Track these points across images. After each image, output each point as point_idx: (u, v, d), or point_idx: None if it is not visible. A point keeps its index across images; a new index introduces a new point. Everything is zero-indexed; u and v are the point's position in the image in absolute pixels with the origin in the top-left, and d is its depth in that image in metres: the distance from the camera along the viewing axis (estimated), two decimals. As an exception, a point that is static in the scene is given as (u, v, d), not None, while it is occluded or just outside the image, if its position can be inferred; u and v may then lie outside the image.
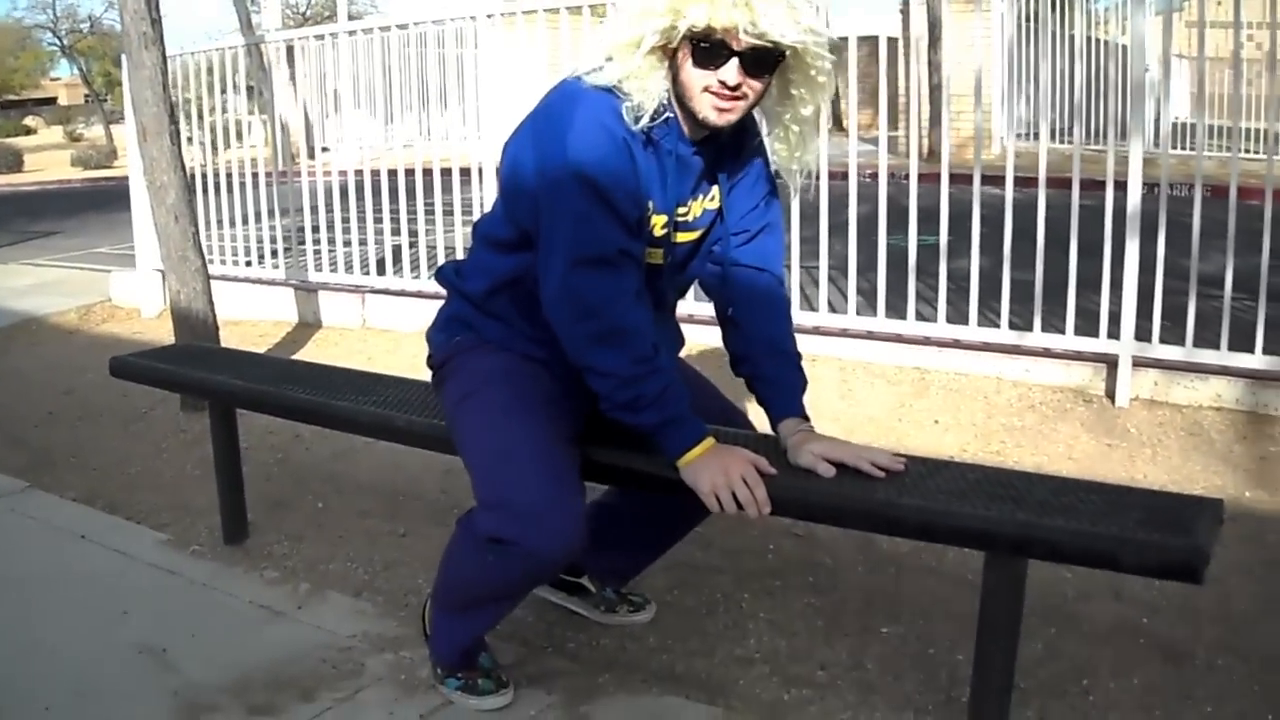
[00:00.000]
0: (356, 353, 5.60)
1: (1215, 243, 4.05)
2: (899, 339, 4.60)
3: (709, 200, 2.17)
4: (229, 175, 6.67)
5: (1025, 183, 4.43)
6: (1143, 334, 4.04)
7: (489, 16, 5.53)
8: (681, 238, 2.17)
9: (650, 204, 2.05)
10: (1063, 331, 4.21)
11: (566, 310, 2.03)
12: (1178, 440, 3.70)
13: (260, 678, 2.46)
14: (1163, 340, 4.04)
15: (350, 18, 19.61)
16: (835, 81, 2.08)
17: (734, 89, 1.93)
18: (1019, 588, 1.84)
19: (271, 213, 6.63)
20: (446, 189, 5.91)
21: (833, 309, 4.86)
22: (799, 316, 4.78)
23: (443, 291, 2.35)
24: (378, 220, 6.08)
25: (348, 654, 2.54)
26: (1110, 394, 4.06)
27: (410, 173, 5.89)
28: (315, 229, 6.40)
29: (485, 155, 5.73)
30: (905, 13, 15.11)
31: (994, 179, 4.65)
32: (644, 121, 1.96)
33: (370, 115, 6.81)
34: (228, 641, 2.65)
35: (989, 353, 4.37)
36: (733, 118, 1.99)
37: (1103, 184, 4.13)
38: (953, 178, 4.54)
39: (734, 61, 1.91)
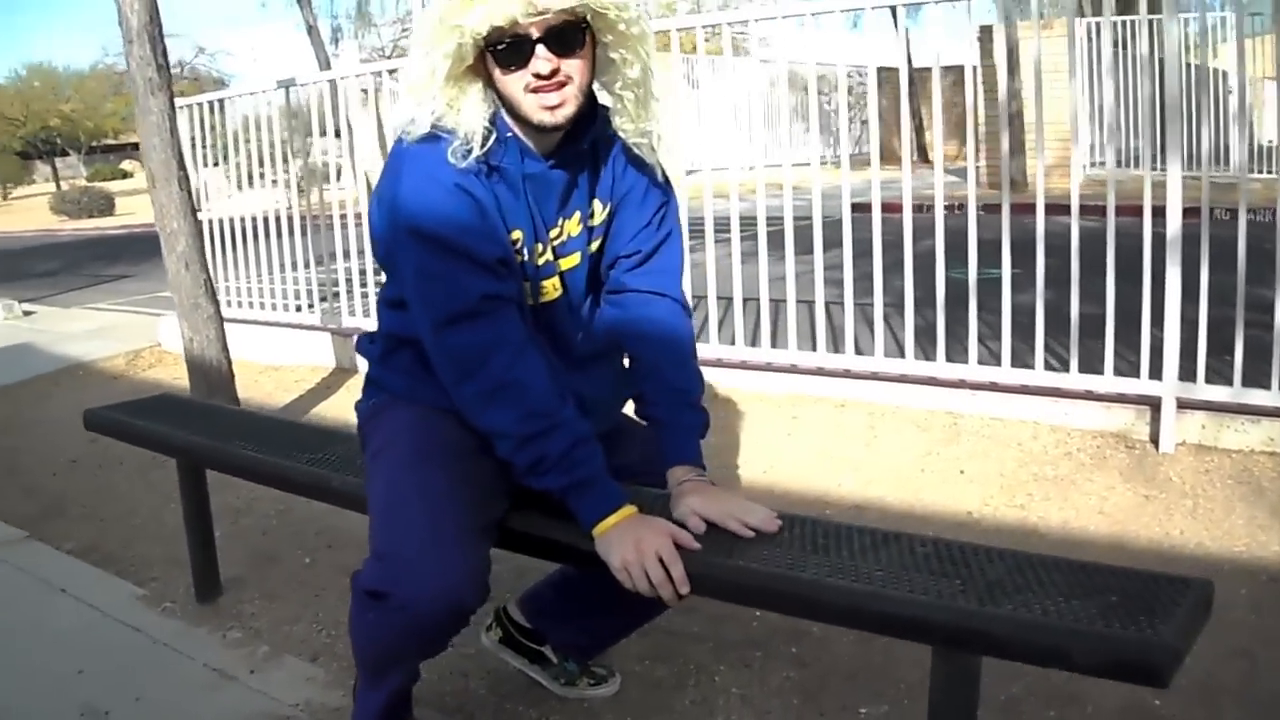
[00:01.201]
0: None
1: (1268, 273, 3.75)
2: (932, 382, 4.34)
3: (590, 219, 2.04)
4: (313, 218, 6.58)
5: (1097, 212, 4.04)
6: (1189, 374, 3.75)
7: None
8: (567, 264, 2.03)
9: (519, 234, 1.93)
10: (1102, 371, 3.93)
11: (449, 373, 1.91)
12: (1223, 490, 3.39)
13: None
14: (1210, 380, 3.74)
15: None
16: (650, 32, 1.93)
17: (550, 77, 1.80)
18: (969, 685, 1.60)
19: (320, 259, 6.55)
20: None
21: (859, 350, 4.62)
22: (828, 359, 4.58)
23: None
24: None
25: (284, 727, 2.38)
26: (1154, 439, 3.77)
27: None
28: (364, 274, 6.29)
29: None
30: (984, 40, 14.75)
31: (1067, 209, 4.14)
32: (475, 152, 1.83)
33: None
34: (171, 706, 2.54)
35: (1027, 396, 4.10)
36: (568, 111, 1.84)
37: (1161, 211, 3.79)
38: (1025, 208, 4.20)
39: (539, 49, 1.79)
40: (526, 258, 1.96)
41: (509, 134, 1.89)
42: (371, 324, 6.16)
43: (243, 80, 47.46)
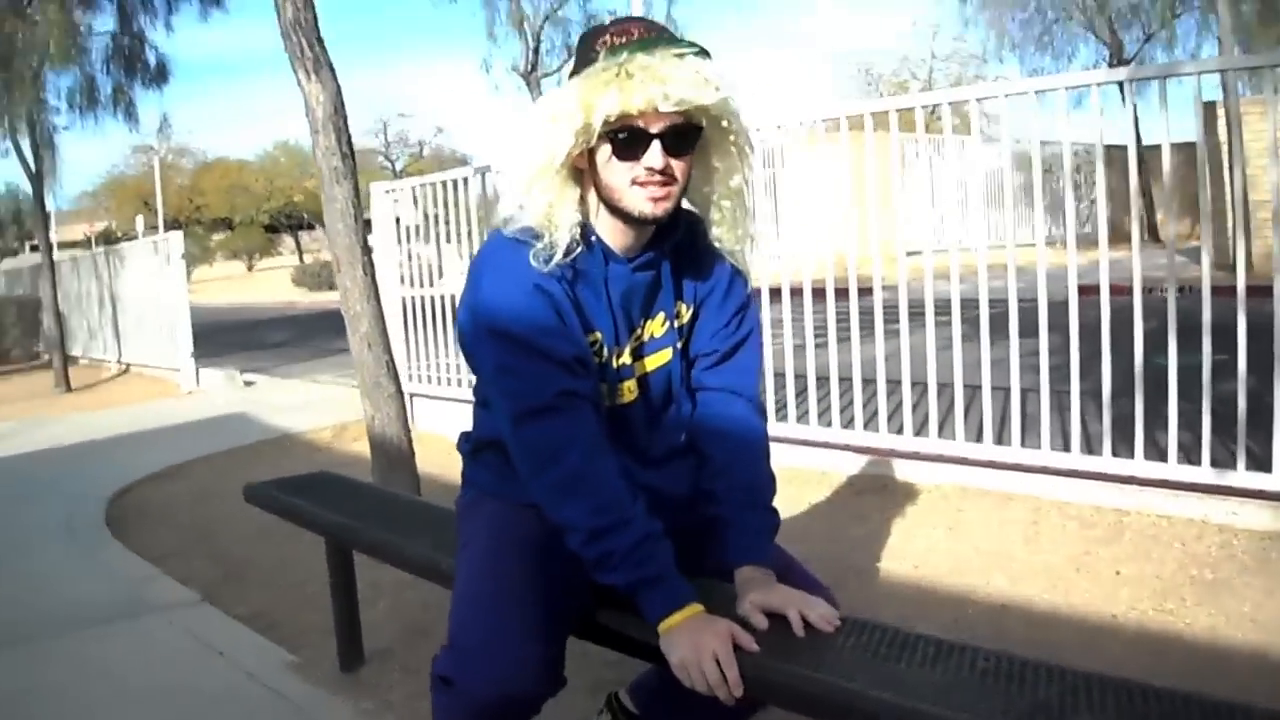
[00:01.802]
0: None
1: None
2: (1101, 477, 4.18)
3: (677, 319, 2.12)
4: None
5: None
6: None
7: (778, 127, 5.36)
8: (650, 364, 2.10)
9: (598, 335, 2.01)
10: (1268, 469, 3.71)
11: (525, 466, 1.97)
12: (1397, 601, 3.15)
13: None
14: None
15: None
16: (750, 145, 2.03)
17: (662, 172, 1.89)
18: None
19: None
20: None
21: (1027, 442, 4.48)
22: (998, 452, 4.47)
23: None
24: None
25: (387, 804, 2.48)
26: (1326, 542, 3.54)
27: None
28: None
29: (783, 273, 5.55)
30: (1208, 117, 14.14)
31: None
32: (557, 258, 1.92)
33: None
34: (291, 775, 2.66)
35: (1195, 494, 3.90)
36: (669, 205, 1.94)
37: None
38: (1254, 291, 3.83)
39: (655, 145, 1.88)
40: (605, 359, 2.04)
41: (593, 238, 1.98)
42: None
43: (478, 159, 49.79)
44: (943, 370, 4.69)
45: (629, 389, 2.09)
